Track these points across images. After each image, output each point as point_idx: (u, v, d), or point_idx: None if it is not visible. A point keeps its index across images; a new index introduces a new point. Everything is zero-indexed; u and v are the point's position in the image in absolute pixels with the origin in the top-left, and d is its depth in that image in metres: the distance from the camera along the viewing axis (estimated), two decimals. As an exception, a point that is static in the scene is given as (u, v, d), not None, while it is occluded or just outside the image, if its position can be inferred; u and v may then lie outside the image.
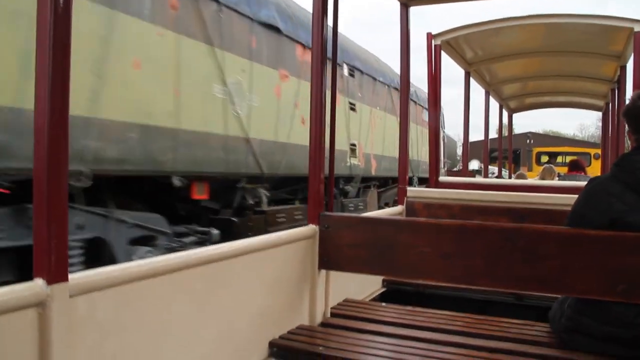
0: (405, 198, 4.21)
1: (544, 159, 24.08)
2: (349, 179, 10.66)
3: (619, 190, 2.24)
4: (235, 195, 6.98)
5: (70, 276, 1.49)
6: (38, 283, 1.41)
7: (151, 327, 1.83)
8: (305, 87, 7.71)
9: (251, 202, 7.22)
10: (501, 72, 7.50)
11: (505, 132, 11.05)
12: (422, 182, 14.75)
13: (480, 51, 6.25)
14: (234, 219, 6.85)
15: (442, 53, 5.26)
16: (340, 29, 3.15)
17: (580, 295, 2.31)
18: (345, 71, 10.01)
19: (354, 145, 10.51)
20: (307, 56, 7.84)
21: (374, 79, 11.37)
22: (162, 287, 1.87)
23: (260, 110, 6.98)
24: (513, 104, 10.07)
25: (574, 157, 10.36)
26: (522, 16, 5.14)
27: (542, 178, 7.77)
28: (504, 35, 5.60)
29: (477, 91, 7.77)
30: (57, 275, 1.44)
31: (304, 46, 8.09)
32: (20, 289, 1.38)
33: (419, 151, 15.28)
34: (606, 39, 5.36)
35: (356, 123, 10.60)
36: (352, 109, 10.42)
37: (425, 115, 14.49)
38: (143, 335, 1.80)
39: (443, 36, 5.20)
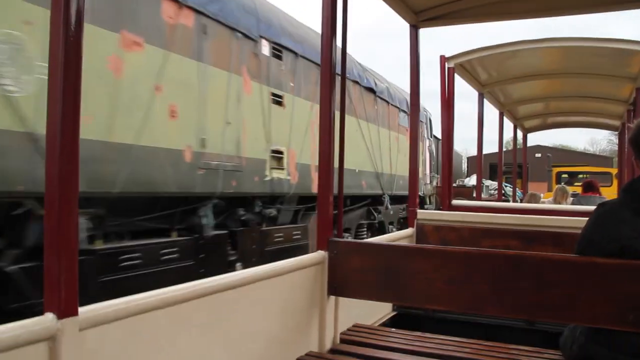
0: (415, 220, 4.24)
1: (565, 178, 23.99)
2: (272, 199, 7.72)
3: (628, 217, 2.22)
4: (24, 228, 4.34)
5: (80, 309, 1.52)
6: (48, 317, 1.45)
7: (160, 358, 1.85)
8: (180, 65, 5.51)
9: None
10: (516, 93, 7.52)
11: (518, 153, 10.82)
12: (398, 200, 12.64)
13: (495, 73, 6.28)
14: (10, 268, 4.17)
15: (456, 75, 5.30)
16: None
17: (590, 324, 2.29)
18: (265, 49, 7.24)
19: (279, 152, 7.52)
20: (185, 18, 5.69)
21: (319, 65, 8.01)
22: (170, 319, 1.88)
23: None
24: (528, 124, 10.06)
25: (588, 178, 10.33)
26: (536, 39, 5.17)
27: (555, 198, 7.78)
28: (519, 58, 5.64)
29: (492, 108, 7.76)
30: (67, 310, 1.47)
31: (177, 1, 5.56)
32: (31, 324, 1.41)
33: (394, 163, 12.20)
34: (621, 61, 5.39)
35: (284, 122, 7.64)
36: (277, 103, 7.50)
37: (402, 120, 12.69)
38: None
39: (457, 59, 5.24)
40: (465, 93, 6.51)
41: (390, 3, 3.77)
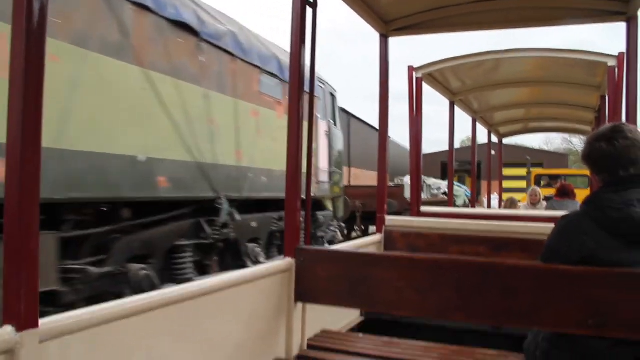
0: (384, 226, 4.27)
1: (545, 180, 24.61)
2: None
3: (590, 228, 2.28)
4: None
5: (41, 321, 1.52)
6: (7, 330, 1.44)
7: None
8: None
9: None
10: (490, 100, 7.64)
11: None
12: (265, 207, 8.55)
13: (469, 81, 6.37)
14: None
15: (424, 85, 5.37)
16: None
17: (553, 329, 2.35)
18: None
19: None
20: None
21: None
22: (136, 327, 1.89)
23: None
24: (503, 130, 10.21)
25: (563, 182, 10.51)
26: (504, 50, 5.27)
27: (528, 201, 8.00)
28: (493, 67, 5.74)
29: (461, 112, 7.72)
30: (27, 322, 1.47)
31: None
32: None
33: (248, 149, 7.79)
34: (587, 71, 5.53)
35: None
36: None
37: (269, 87, 8.38)
38: None
39: (425, 69, 5.30)
40: (426, 95, 6.41)
41: (360, 12, 3.83)
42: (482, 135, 9.77)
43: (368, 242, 4.11)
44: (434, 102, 6.52)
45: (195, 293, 2.18)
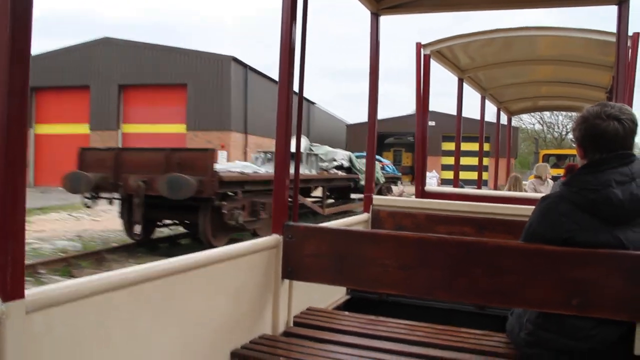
0: (371, 206, 4.25)
1: (552, 160, 24.52)
2: None
3: (569, 210, 2.30)
4: None
5: (27, 292, 1.52)
6: None
7: (111, 340, 1.88)
8: None
9: None
10: (500, 78, 7.55)
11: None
12: None
13: (479, 57, 6.29)
14: None
15: (432, 62, 5.28)
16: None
17: (538, 308, 2.37)
18: None
19: None
20: None
21: None
22: (122, 301, 1.90)
23: None
24: (512, 107, 10.10)
25: (571, 162, 10.45)
26: (515, 28, 5.20)
27: (540, 175, 7.97)
28: (500, 44, 5.65)
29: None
30: (12, 293, 1.46)
31: None
32: None
33: None
34: (599, 50, 5.43)
35: None
36: None
37: None
38: (102, 349, 1.84)
39: (433, 46, 5.22)
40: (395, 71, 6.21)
41: None
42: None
43: (356, 221, 4.08)
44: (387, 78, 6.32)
45: (181, 268, 2.19)
